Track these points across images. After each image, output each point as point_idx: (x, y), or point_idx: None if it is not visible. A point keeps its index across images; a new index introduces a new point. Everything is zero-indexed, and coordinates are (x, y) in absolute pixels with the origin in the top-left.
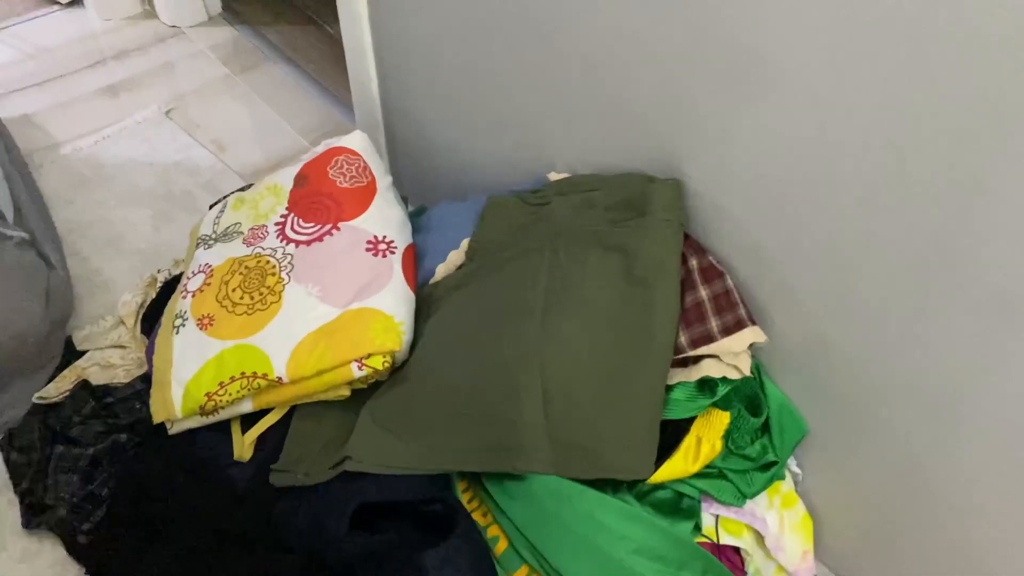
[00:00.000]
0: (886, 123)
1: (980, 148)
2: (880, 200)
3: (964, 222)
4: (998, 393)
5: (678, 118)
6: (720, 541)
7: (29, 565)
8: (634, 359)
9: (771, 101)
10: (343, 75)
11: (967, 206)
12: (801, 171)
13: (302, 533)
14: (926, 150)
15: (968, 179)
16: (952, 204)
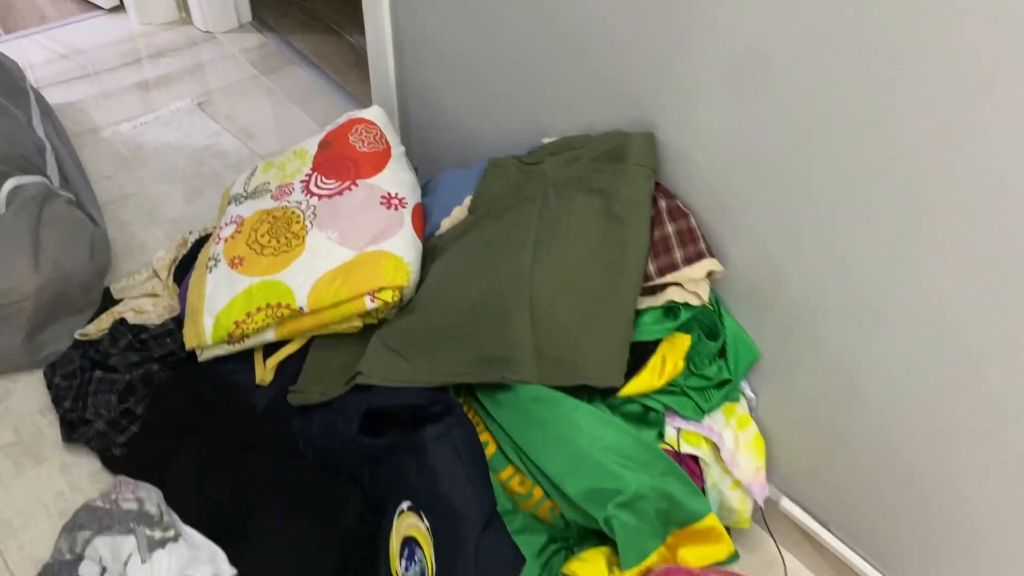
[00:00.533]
0: (824, 79)
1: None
2: (815, 154)
3: (888, 162)
4: (911, 305)
5: (650, 82)
6: (681, 450)
7: (68, 474)
8: (610, 284)
9: (725, 64)
10: (361, 79)
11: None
12: (754, 128)
13: (315, 440)
14: (853, 95)
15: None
16: (878, 156)
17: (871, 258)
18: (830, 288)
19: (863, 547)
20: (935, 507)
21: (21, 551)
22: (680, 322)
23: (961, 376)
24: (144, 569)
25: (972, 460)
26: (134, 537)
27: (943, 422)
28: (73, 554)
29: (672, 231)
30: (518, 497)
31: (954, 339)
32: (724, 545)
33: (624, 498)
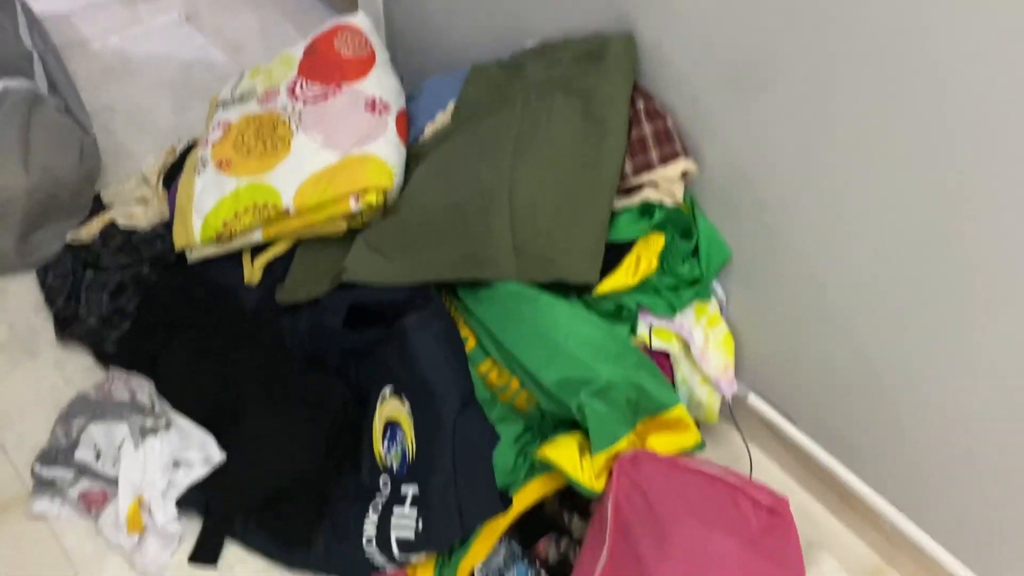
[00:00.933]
0: None
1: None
2: (789, 58)
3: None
4: (869, 203)
5: None
6: (652, 346)
7: (61, 369)
8: (588, 183)
9: None
10: None
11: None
12: (732, 30)
13: (303, 337)
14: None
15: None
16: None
17: (835, 158)
18: (796, 189)
19: (825, 440)
20: (892, 399)
21: (19, 439)
22: (655, 222)
23: (916, 272)
24: (137, 454)
25: (926, 354)
26: (127, 424)
27: (900, 317)
28: (69, 439)
29: (649, 131)
30: (496, 389)
31: (910, 237)
32: (691, 434)
33: (596, 387)
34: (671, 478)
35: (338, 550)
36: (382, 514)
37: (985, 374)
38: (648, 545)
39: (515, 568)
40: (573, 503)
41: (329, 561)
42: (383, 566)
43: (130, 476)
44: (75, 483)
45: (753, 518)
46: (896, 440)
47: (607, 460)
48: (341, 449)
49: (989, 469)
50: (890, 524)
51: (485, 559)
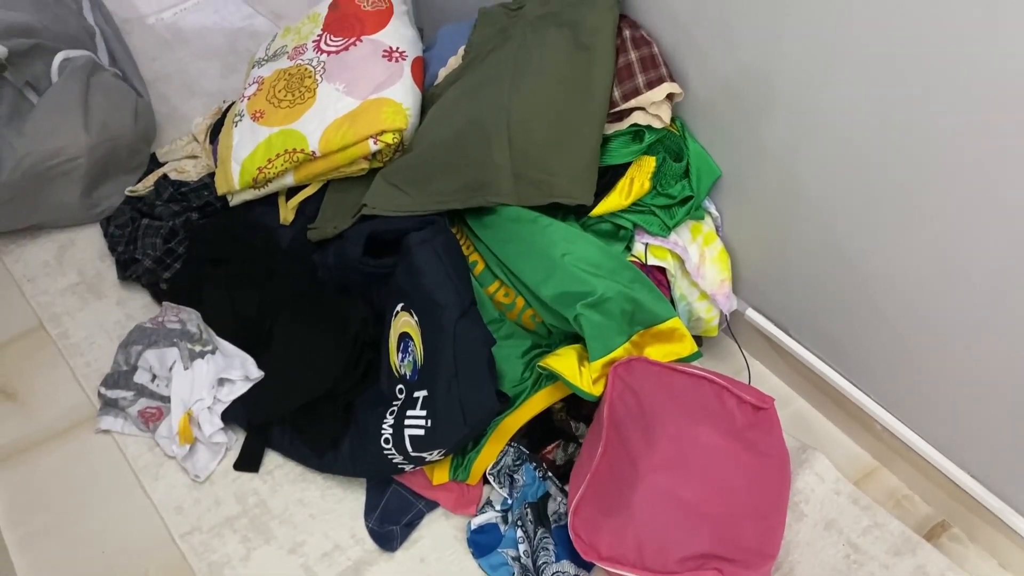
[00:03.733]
0: None
1: None
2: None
3: None
4: (836, 96)
5: None
6: (648, 262)
7: (123, 307)
8: (579, 108)
9: None
10: None
11: None
12: None
13: (331, 267)
14: None
15: None
16: None
17: (807, 60)
18: (771, 93)
19: (819, 348)
20: (877, 303)
21: (88, 367)
22: (645, 145)
23: (889, 172)
24: (186, 375)
25: (905, 254)
26: (177, 349)
27: (877, 217)
28: (128, 365)
29: (635, 58)
30: (504, 308)
31: (881, 133)
32: (687, 344)
33: (592, 299)
34: (661, 379)
35: (362, 453)
36: (397, 417)
37: (965, 271)
38: (638, 438)
39: (524, 468)
40: (580, 413)
41: (355, 464)
42: (402, 465)
43: (181, 394)
44: (134, 402)
45: (738, 413)
46: (885, 343)
47: (604, 367)
48: (363, 363)
49: (975, 368)
50: (881, 425)
51: (496, 460)
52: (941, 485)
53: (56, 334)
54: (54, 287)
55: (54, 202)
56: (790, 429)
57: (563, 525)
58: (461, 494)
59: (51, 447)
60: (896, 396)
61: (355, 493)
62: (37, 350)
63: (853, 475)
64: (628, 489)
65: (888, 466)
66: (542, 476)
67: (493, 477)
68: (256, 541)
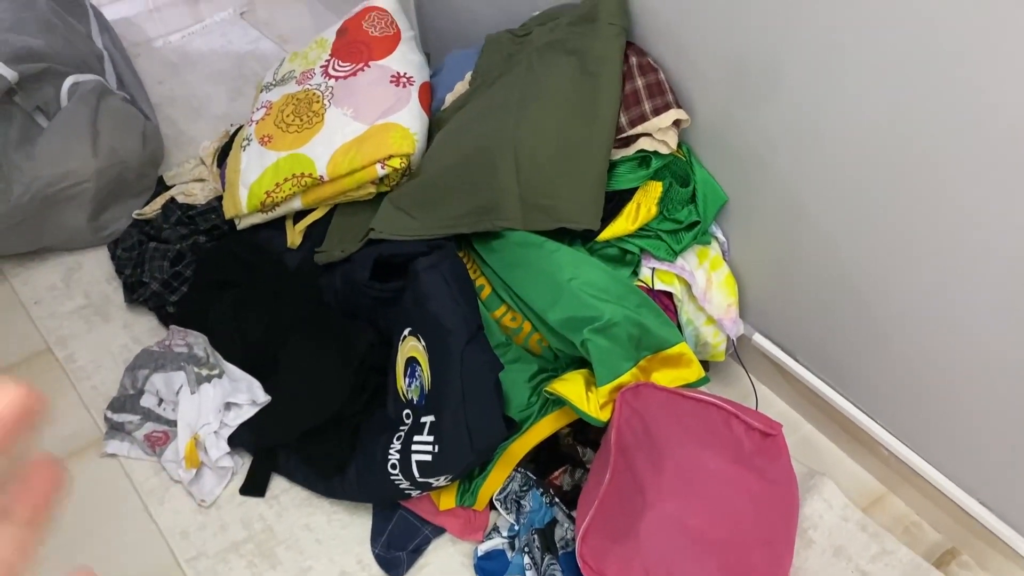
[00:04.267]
0: None
1: None
2: (761, 12)
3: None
4: (842, 124)
5: None
6: (654, 287)
7: (130, 330)
8: (585, 134)
9: None
10: None
11: None
12: None
13: (338, 292)
14: None
15: None
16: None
17: (812, 90)
18: (778, 121)
19: (825, 373)
20: (883, 329)
21: (94, 390)
22: (652, 170)
23: (893, 198)
24: (193, 399)
25: (910, 280)
26: (184, 373)
27: (882, 243)
28: (135, 388)
29: (642, 85)
30: (511, 332)
31: (885, 160)
32: (694, 369)
33: (599, 324)
34: (669, 405)
35: (369, 478)
36: (404, 442)
37: (973, 297)
38: (645, 464)
39: (530, 494)
40: (587, 438)
41: (362, 489)
42: (408, 491)
43: (187, 418)
44: (141, 426)
45: (745, 439)
46: (892, 369)
47: (611, 393)
48: (370, 387)
49: (983, 394)
50: (888, 451)
51: (503, 486)
52: (950, 512)
53: (63, 357)
54: (61, 310)
55: (62, 225)
56: (797, 455)
57: (570, 552)
58: (468, 520)
59: None
60: (903, 422)
61: (361, 518)
62: (43, 373)
63: (861, 501)
64: (636, 516)
65: (896, 492)
66: (549, 502)
67: (500, 503)
68: (262, 567)
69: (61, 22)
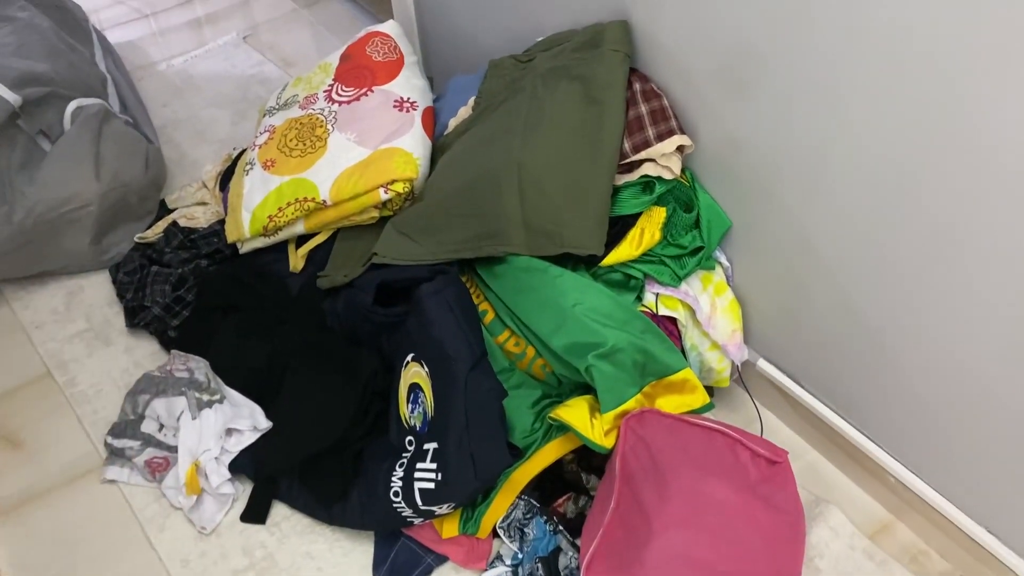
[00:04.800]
0: None
1: None
2: (761, 31)
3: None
4: (847, 155)
5: None
6: (658, 312)
7: (131, 354)
8: (589, 160)
9: None
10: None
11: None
12: (713, 15)
13: (341, 316)
14: None
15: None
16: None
17: (815, 116)
18: (782, 150)
19: (830, 399)
20: (888, 355)
21: (94, 415)
22: (656, 196)
23: (896, 226)
24: (194, 424)
25: (914, 307)
26: (185, 399)
27: (885, 271)
28: (136, 414)
29: (645, 111)
30: (514, 357)
31: (888, 189)
32: (699, 395)
33: (603, 350)
34: (674, 432)
35: (371, 506)
36: (407, 469)
37: (979, 322)
38: (650, 492)
39: (534, 522)
40: (591, 465)
41: (364, 516)
42: (411, 519)
43: (188, 444)
44: (141, 452)
45: (751, 467)
46: (898, 396)
47: (615, 419)
48: (372, 413)
49: (991, 422)
50: (894, 478)
51: (506, 513)
52: (958, 540)
53: (63, 381)
54: (62, 334)
55: (64, 249)
56: (803, 481)
57: None
58: (471, 548)
59: (56, 497)
60: (910, 449)
61: (363, 546)
62: (44, 398)
63: (868, 529)
64: (641, 545)
65: (903, 520)
66: (553, 530)
67: (503, 531)
68: None
69: (65, 46)
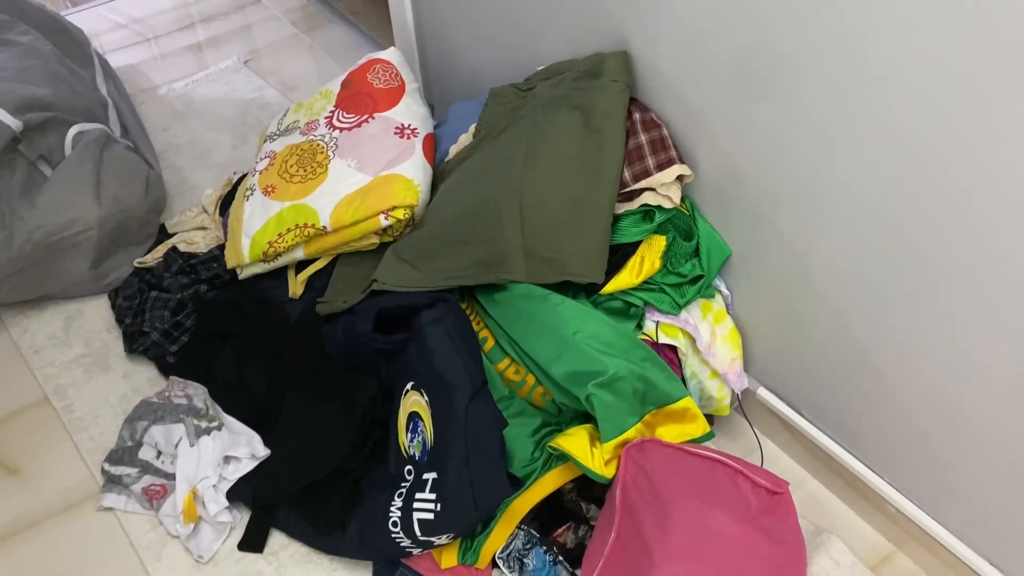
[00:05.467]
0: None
1: None
2: (763, 74)
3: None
4: (845, 186)
5: (624, 5)
6: (659, 340)
7: (129, 380)
8: (590, 189)
9: None
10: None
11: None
12: (713, 48)
13: (340, 342)
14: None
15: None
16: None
17: (813, 151)
18: (781, 180)
19: (831, 429)
20: (887, 384)
21: (92, 441)
22: (656, 224)
23: (893, 257)
24: (192, 451)
25: (912, 336)
26: (184, 425)
27: (883, 300)
28: (133, 440)
29: (645, 140)
30: (514, 385)
31: (885, 220)
32: (699, 424)
33: (604, 379)
34: (674, 462)
35: (369, 535)
36: (406, 499)
37: (982, 352)
38: (651, 523)
39: (534, 552)
40: (591, 494)
41: (361, 545)
42: (410, 549)
43: (186, 471)
44: (139, 479)
45: (752, 498)
46: (899, 426)
47: (616, 448)
48: (371, 442)
49: (993, 452)
50: (895, 508)
51: (505, 543)
52: (960, 572)
53: (61, 407)
54: (60, 359)
55: (63, 273)
56: (803, 511)
57: None
58: None
59: (53, 525)
60: (911, 479)
61: (361, 575)
62: (41, 423)
63: (869, 560)
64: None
65: (905, 550)
66: (553, 560)
67: (503, 561)
68: None
69: (66, 70)
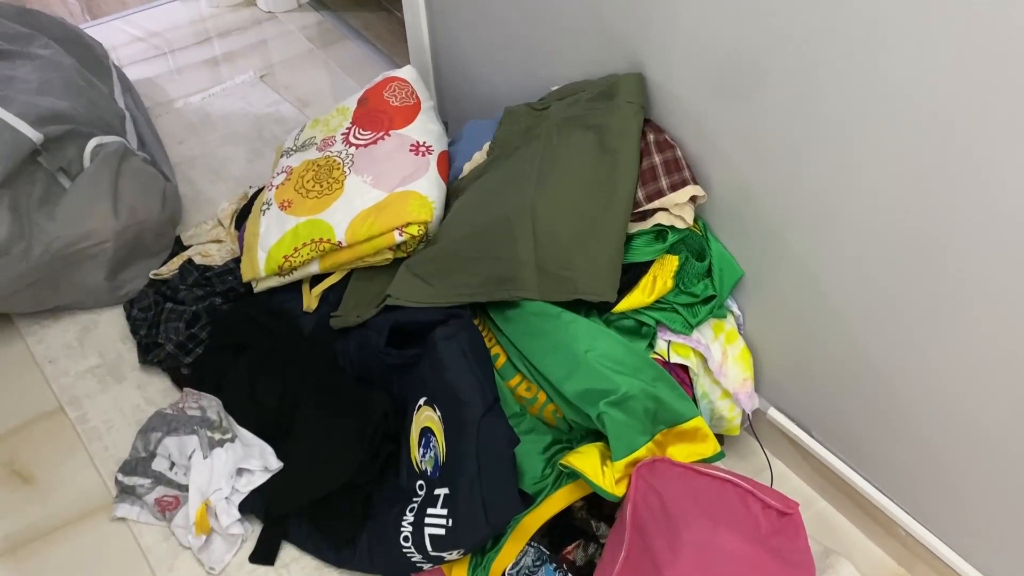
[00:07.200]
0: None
1: None
2: (775, 81)
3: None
4: (859, 206)
5: (639, 28)
6: (670, 360)
7: (143, 391)
8: (603, 208)
9: (700, 8)
10: (407, 50)
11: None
12: (726, 67)
13: (353, 356)
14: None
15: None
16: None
17: (826, 169)
18: (794, 201)
19: (841, 450)
20: (900, 406)
21: (105, 451)
22: (668, 244)
23: (908, 277)
24: (205, 463)
25: (928, 359)
26: (197, 437)
27: (898, 322)
28: (147, 452)
29: (659, 161)
30: (525, 402)
31: (900, 240)
32: (710, 444)
33: (615, 398)
34: (685, 481)
35: (380, 550)
36: (417, 514)
37: (994, 376)
38: (661, 543)
39: (544, 569)
40: (601, 512)
41: (372, 560)
42: (420, 564)
43: (199, 483)
44: (152, 490)
45: (762, 519)
46: (910, 448)
47: (627, 467)
48: (383, 456)
49: (1002, 475)
50: (905, 530)
51: (515, 560)
52: None
53: (75, 417)
54: (75, 369)
55: (79, 284)
56: (813, 531)
57: None
58: None
59: (65, 534)
60: (921, 501)
61: None
62: (56, 433)
63: None
64: None
65: (914, 572)
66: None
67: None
68: None
69: (85, 83)
